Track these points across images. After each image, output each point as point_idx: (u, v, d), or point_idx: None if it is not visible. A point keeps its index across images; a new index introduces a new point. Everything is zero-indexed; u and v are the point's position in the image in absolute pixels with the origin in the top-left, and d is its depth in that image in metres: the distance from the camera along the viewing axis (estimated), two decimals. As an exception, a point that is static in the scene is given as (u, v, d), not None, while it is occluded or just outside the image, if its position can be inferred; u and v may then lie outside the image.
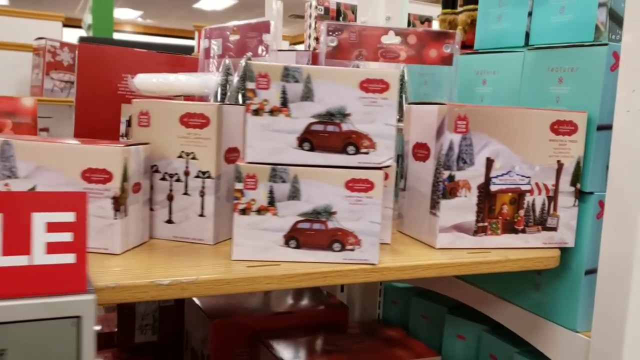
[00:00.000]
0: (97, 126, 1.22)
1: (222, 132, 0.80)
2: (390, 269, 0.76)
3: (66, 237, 0.58)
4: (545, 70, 0.96)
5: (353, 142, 0.73)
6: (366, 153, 0.74)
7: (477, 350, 1.15)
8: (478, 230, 0.85)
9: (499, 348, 1.08)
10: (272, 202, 0.74)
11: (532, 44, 1.04)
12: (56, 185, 0.74)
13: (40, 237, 0.57)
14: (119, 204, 0.74)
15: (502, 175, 0.85)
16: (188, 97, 1.16)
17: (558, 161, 0.87)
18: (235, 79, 1.03)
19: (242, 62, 1.06)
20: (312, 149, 0.74)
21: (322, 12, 1.54)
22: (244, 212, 0.74)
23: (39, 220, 0.57)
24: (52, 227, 0.58)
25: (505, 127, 0.84)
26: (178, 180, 0.82)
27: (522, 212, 0.87)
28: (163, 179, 0.82)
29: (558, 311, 0.93)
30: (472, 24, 1.51)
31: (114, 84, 1.24)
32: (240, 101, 1.03)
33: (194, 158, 0.81)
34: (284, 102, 0.73)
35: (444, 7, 1.61)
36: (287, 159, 0.73)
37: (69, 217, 0.58)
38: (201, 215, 0.81)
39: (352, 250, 0.74)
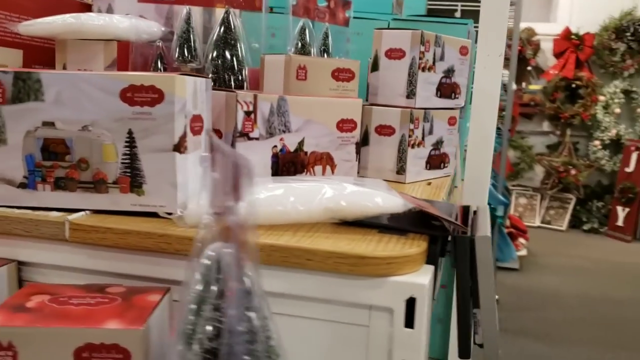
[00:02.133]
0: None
1: (358, 84, 0.99)
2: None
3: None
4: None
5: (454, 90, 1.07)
6: (457, 98, 1.08)
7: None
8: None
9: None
10: (421, 137, 1.01)
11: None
12: (319, 137, 0.83)
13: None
14: (359, 148, 0.88)
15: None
16: (122, 43, 1.13)
17: (450, 99, 1.36)
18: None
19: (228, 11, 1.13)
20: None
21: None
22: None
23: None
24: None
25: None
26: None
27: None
28: (319, 125, 0.95)
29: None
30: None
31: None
32: (227, 54, 1.12)
33: (342, 106, 0.97)
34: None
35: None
36: (429, 105, 1.02)
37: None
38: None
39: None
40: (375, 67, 1.00)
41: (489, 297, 0.62)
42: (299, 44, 1.25)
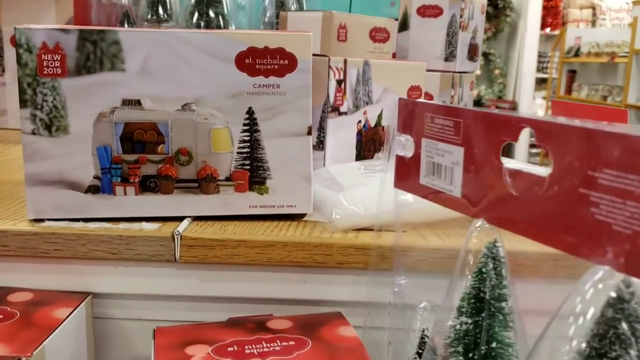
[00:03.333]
0: None
1: (390, 45, 0.88)
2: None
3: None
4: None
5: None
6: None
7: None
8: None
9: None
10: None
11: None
12: (393, 107, 0.71)
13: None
14: (421, 119, 0.77)
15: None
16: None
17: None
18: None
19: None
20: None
21: None
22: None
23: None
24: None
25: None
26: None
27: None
28: (359, 94, 0.83)
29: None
30: None
31: None
32: (212, 12, 0.97)
33: (379, 72, 0.85)
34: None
35: None
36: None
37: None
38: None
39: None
40: (404, 26, 0.89)
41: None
42: (278, 1, 1.10)
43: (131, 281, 0.47)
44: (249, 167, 0.48)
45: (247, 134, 0.47)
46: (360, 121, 0.64)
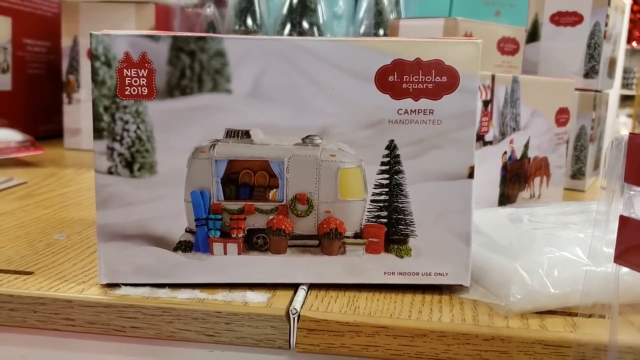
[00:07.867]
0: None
1: (518, 59, 0.74)
2: None
3: None
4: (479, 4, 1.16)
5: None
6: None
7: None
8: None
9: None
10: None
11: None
12: (540, 135, 0.58)
13: None
14: (567, 147, 0.64)
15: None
16: (161, 7, 0.84)
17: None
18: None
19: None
20: None
21: None
22: None
23: None
24: None
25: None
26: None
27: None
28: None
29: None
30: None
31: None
32: (305, 23, 0.85)
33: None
34: None
35: None
36: None
37: None
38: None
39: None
40: (534, 36, 0.75)
41: None
42: (375, 10, 0.99)
43: (230, 370, 0.35)
44: (386, 220, 0.35)
45: (386, 176, 0.35)
46: (505, 152, 0.51)
